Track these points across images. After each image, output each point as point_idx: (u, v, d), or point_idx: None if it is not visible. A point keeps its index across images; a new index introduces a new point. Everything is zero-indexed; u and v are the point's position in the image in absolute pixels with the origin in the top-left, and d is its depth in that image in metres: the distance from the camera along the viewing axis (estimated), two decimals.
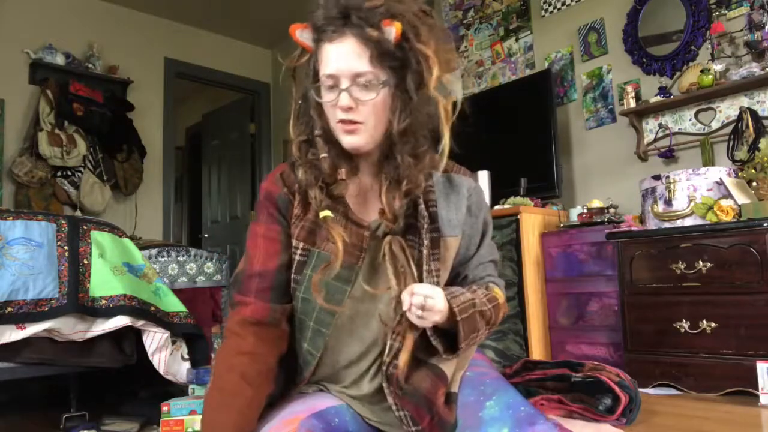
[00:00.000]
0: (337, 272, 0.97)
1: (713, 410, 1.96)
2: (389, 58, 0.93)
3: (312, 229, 1.01)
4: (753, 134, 2.57)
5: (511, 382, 1.94)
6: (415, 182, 0.97)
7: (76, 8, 4.45)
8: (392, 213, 0.97)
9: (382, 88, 0.94)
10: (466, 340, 0.95)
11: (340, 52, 0.93)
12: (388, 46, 0.92)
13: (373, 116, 0.95)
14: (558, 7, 3.55)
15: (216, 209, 5.77)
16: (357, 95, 0.93)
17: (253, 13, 4.92)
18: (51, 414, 2.15)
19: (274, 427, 0.94)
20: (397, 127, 0.95)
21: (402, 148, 0.96)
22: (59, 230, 1.95)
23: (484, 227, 1.10)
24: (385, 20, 0.92)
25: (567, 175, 3.37)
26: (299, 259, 1.01)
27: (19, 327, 1.78)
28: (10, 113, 4.03)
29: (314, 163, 0.99)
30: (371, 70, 0.92)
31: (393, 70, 0.94)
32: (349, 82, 0.93)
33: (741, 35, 2.75)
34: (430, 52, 0.94)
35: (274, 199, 1.03)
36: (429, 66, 0.94)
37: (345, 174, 0.99)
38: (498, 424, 0.92)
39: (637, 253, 2.45)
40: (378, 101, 0.94)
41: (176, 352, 2.05)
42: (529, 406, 0.96)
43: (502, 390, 1.00)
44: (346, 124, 0.95)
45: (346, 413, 1.01)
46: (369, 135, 0.96)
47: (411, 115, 0.95)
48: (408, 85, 0.95)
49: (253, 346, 0.97)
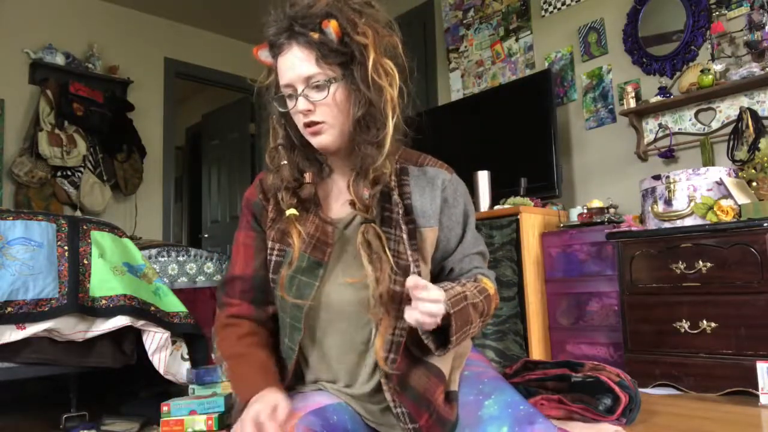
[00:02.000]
0: (304, 267, 1.01)
1: (713, 410, 1.96)
2: (334, 56, 0.97)
3: (286, 231, 1.05)
4: (753, 134, 2.57)
5: (511, 382, 1.94)
6: (380, 169, 1.00)
7: (76, 8, 4.45)
8: (362, 202, 1.01)
9: (332, 85, 0.98)
10: (458, 334, 0.94)
11: (290, 60, 0.98)
12: (332, 45, 0.97)
13: (331, 114, 0.99)
14: (558, 7, 3.55)
15: (216, 209, 5.77)
16: (312, 98, 0.98)
17: (253, 13, 4.91)
18: (51, 414, 2.15)
19: None
20: (353, 119, 0.99)
21: (362, 138, 1.00)
22: (59, 230, 1.95)
23: (464, 219, 1.10)
24: (324, 21, 0.97)
25: (567, 175, 3.38)
26: (276, 260, 1.05)
27: (19, 327, 1.78)
28: (10, 113, 4.03)
29: (281, 169, 1.06)
30: (319, 71, 0.97)
31: (342, 66, 0.98)
32: (302, 86, 0.98)
33: (741, 35, 2.76)
34: (368, 41, 0.98)
35: (251, 206, 1.12)
36: (367, 54, 0.98)
37: (310, 177, 1.06)
38: (497, 423, 0.93)
39: (637, 253, 2.45)
40: (332, 99, 0.98)
41: (176, 352, 2.05)
42: (528, 405, 0.96)
43: (501, 389, 1.01)
44: (310, 126, 1.00)
45: (345, 411, 1.02)
46: (333, 132, 1.00)
47: (366, 104, 0.98)
48: (356, 77, 0.98)
49: (248, 329, 1.07)
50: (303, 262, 1.02)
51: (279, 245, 1.06)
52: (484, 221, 3.00)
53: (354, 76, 0.98)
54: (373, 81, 0.98)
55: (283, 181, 1.05)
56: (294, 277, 1.02)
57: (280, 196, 1.05)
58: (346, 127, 1.01)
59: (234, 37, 5.35)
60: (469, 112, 3.68)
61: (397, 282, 0.97)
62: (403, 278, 0.96)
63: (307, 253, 1.01)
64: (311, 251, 1.01)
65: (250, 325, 1.07)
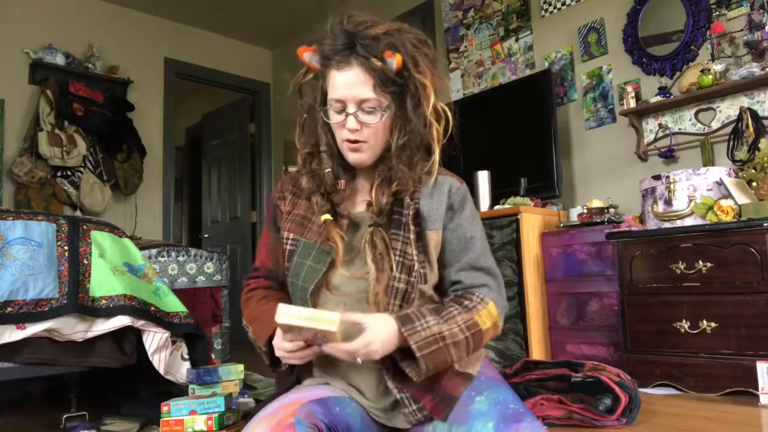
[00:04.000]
0: (313, 255, 1.09)
1: (713, 410, 1.96)
2: (390, 85, 1.05)
3: (301, 222, 1.15)
4: (753, 134, 2.57)
5: (511, 382, 1.94)
6: (405, 185, 1.10)
7: (76, 8, 4.45)
8: (378, 207, 1.09)
9: (384, 112, 1.06)
10: (428, 373, 0.98)
11: (347, 79, 1.04)
12: (390, 75, 1.04)
13: (375, 137, 1.08)
14: (558, 7, 3.55)
15: (216, 209, 5.77)
16: (362, 119, 1.05)
17: (253, 13, 4.92)
18: (51, 414, 2.15)
19: (274, 409, 0.97)
20: (396, 143, 1.09)
21: (399, 160, 1.09)
22: (59, 230, 1.95)
23: (471, 225, 1.14)
24: (387, 51, 1.03)
25: (567, 175, 3.37)
26: (290, 248, 1.14)
27: (19, 327, 1.78)
28: (10, 113, 4.03)
29: (317, 173, 1.13)
30: (375, 97, 1.04)
31: (393, 95, 1.06)
32: (355, 108, 1.05)
33: (741, 35, 2.76)
34: (427, 82, 1.07)
35: (271, 207, 1.23)
36: (426, 94, 1.07)
37: (343, 184, 1.13)
38: (484, 419, 0.94)
39: (637, 253, 2.45)
40: (380, 124, 1.07)
41: (176, 352, 2.05)
42: (520, 405, 0.97)
43: (494, 387, 1.03)
44: (352, 143, 1.08)
45: (348, 405, 1.04)
46: (371, 152, 1.09)
47: (409, 133, 1.08)
48: (407, 108, 1.07)
49: (263, 294, 1.19)
50: (313, 250, 1.09)
51: (293, 235, 1.14)
52: (484, 221, 3.00)
53: (405, 107, 1.07)
54: (424, 117, 1.07)
55: (320, 185, 1.12)
56: (303, 263, 1.10)
57: (315, 200, 1.13)
58: (381, 148, 1.10)
59: (234, 37, 5.35)
60: (469, 113, 3.67)
61: (400, 280, 1.04)
62: (407, 276, 1.04)
63: (318, 243, 1.09)
64: (323, 242, 1.09)
65: (265, 291, 1.20)
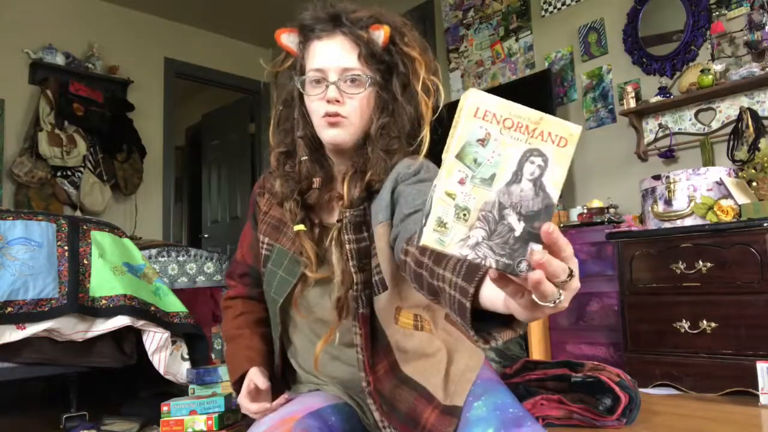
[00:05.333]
0: (285, 264, 1.03)
1: (713, 410, 1.96)
2: (376, 60, 0.98)
3: (276, 226, 1.07)
4: (753, 134, 2.57)
5: (511, 382, 1.94)
6: (378, 174, 0.98)
7: (76, 8, 4.45)
8: (349, 200, 0.98)
9: (369, 85, 0.97)
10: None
11: (330, 47, 0.97)
12: (377, 49, 0.97)
13: (357, 112, 0.98)
14: (558, 7, 3.55)
15: (216, 209, 5.77)
16: (344, 89, 0.96)
17: (253, 13, 4.92)
18: (51, 414, 2.15)
19: (270, 427, 0.94)
20: (377, 124, 0.99)
21: (377, 144, 0.99)
22: (59, 230, 1.95)
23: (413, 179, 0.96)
24: (374, 25, 0.97)
25: (567, 175, 3.37)
26: (265, 253, 1.08)
27: (19, 327, 1.78)
28: (10, 113, 4.03)
29: (291, 176, 1.03)
30: (359, 66, 0.96)
31: (380, 72, 0.99)
32: (336, 76, 0.96)
33: (741, 35, 2.75)
34: (416, 54, 0.99)
35: (252, 203, 1.16)
36: (415, 68, 0.99)
37: (318, 183, 1.02)
38: (483, 425, 0.89)
39: (637, 253, 2.45)
40: (364, 97, 0.97)
41: (176, 352, 2.05)
42: (519, 408, 0.93)
43: (492, 391, 0.98)
44: (331, 116, 0.97)
45: (342, 412, 1.02)
46: (351, 130, 0.99)
47: (392, 114, 0.99)
48: (393, 86, 0.99)
49: (241, 308, 1.16)
50: (286, 259, 1.03)
51: (268, 239, 1.07)
52: None
53: (391, 86, 0.99)
54: (412, 95, 0.99)
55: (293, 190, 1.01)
56: (275, 272, 1.04)
57: (288, 206, 1.02)
58: (360, 129, 1.00)
59: (234, 37, 5.35)
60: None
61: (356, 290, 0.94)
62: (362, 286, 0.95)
63: (292, 251, 1.03)
64: (295, 249, 1.02)
65: (243, 303, 1.16)
